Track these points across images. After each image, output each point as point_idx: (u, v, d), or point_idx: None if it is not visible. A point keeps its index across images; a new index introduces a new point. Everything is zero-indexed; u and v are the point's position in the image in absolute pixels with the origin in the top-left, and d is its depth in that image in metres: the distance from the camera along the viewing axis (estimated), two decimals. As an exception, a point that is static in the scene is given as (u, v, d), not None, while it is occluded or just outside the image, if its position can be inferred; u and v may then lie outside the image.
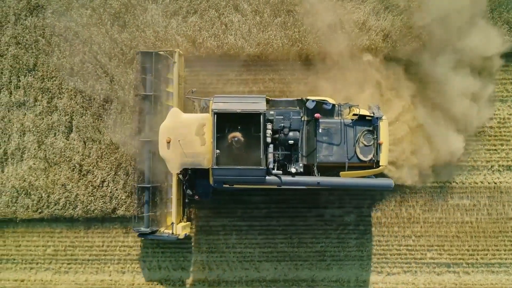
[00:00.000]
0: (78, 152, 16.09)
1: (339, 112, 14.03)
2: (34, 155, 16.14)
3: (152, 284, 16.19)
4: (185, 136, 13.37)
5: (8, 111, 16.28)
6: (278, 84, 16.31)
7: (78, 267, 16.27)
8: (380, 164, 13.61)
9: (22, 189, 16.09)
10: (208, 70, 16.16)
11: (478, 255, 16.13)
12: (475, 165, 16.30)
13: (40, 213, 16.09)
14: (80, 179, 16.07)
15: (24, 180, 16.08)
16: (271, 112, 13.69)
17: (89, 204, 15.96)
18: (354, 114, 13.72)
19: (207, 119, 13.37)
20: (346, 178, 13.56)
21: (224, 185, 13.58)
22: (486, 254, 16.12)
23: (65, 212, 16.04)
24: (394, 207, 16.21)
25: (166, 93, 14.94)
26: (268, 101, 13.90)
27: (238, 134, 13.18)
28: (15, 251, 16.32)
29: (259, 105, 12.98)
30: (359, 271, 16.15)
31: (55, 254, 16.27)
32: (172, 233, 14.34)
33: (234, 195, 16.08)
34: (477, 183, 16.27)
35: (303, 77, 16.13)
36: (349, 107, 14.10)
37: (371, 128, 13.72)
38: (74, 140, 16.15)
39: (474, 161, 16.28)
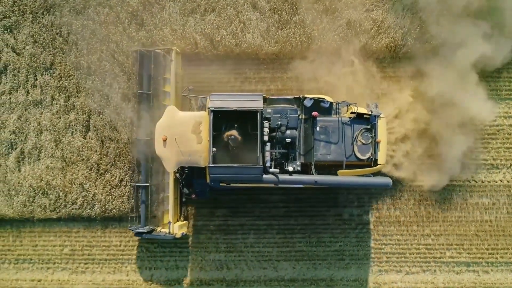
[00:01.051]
0: (96, 151, 16.00)
1: (337, 110, 13.94)
2: (51, 154, 16.04)
3: (169, 284, 16.08)
4: (181, 134, 13.20)
5: (25, 110, 16.15)
6: (295, 82, 16.20)
7: (95, 267, 16.18)
8: (378, 162, 13.49)
9: (39, 189, 15.98)
10: (225, 69, 16.08)
11: (497, 254, 16.05)
12: (494, 164, 16.22)
13: (57, 212, 15.99)
14: (97, 178, 15.98)
15: (41, 180, 15.98)
16: (268, 110, 13.53)
17: (107, 203, 15.87)
18: (352, 112, 13.58)
19: (204, 117, 13.21)
20: (344, 177, 13.46)
21: (221, 184, 13.43)
22: (506, 253, 16.04)
23: (82, 212, 15.96)
24: (413, 205, 16.14)
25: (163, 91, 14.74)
26: (265, 99, 13.74)
27: (235, 132, 13.00)
28: (32, 251, 16.22)
29: (256, 103, 12.81)
30: (377, 270, 16.05)
31: (72, 254, 16.18)
32: (169, 232, 14.21)
33: (252, 194, 15.99)
34: (496, 182, 16.20)
35: (320, 75, 15.95)
36: (347, 105, 14.02)
37: (369, 127, 13.58)
38: (92, 139, 16.04)
39: (493, 160, 16.21)
